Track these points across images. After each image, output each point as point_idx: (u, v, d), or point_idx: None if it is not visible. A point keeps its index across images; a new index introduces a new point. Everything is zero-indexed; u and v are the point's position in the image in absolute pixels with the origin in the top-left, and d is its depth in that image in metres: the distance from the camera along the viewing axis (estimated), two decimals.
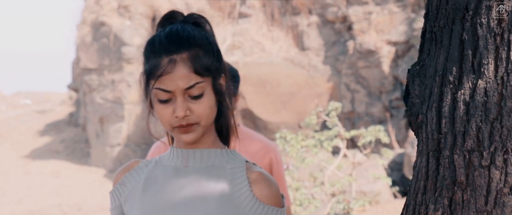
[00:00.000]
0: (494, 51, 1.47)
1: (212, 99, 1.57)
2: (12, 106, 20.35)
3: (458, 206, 1.49)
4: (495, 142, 1.46)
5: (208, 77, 1.56)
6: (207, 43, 1.58)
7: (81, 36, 13.53)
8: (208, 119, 1.58)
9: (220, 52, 1.62)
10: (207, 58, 1.56)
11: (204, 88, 1.55)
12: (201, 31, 1.60)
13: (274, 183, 1.59)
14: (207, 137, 1.63)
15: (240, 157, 1.64)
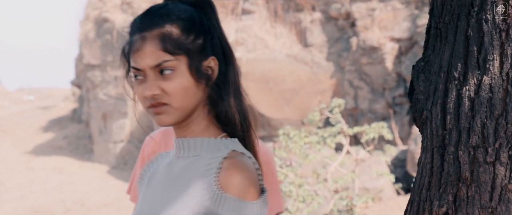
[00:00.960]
0: (499, 47, 1.47)
1: (187, 80, 1.49)
2: (15, 103, 20.38)
3: (462, 202, 1.48)
4: (500, 138, 1.45)
5: (182, 56, 1.50)
6: (188, 21, 1.52)
7: (84, 32, 13.53)
8: (181, 100, 1.50)
9: (210, 32, 1.54)
10: (184, 36, 1.50)
11: (174, 67, 1.49)
12: (189, 9, 1.54)
13: (244, 173, 1.45)
14: (196, 124, 1.55)
15: (235, 146, 1.52)
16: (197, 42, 1.52)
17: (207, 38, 1.53)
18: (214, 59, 1.53)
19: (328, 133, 7.21)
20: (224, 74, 1.55)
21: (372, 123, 7.35)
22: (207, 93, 1.54)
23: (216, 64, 1.53)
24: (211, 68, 1.53)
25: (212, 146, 1.52)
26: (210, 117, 1.55)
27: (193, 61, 1.50)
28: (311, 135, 7.16)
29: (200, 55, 1.51)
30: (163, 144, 2.59)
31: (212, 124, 1.55)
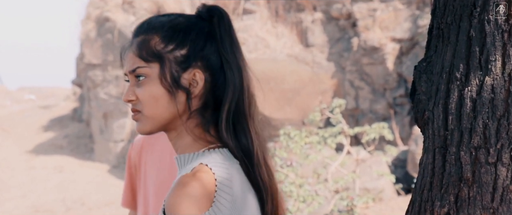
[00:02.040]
0: (502, 48, 1.47)
1: (157, 89, 1.48)
2: (16, 102, 20.39)
3: (464, 202, 1.49)
4: (501, 139, 1.46)
5: (155, 63, 1.48)
6: (172, 31, 1.51)
7: (85, 31, 13.54)
8: (150, 109, 1.49)
9: (202, 45, 1.51)
10: (162, 45, 1.49)
11: (147, 74, 1.48)
12: (183, 21, 1.53)
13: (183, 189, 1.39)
14: (180, 139, 1.52)
15: (207, 159, 1.47)
16: (177, 53, 1.49)
17: (194, 50, 1.50)
18: (199, 72, 1.50)
19: (328, 133, 7.21)
20: (219, 88, 1.51)
21: (373, 123, 7.35)
22: (195, 106, 1.50)
23: (202, 78, 1.50)
24: (194, 81, 1.49)
25: (190, 161, 1.49)
26: (198, 130, 1.51)
27: (165, 70, 1.48)
28: (312, 135, 7.17)
29: (179, 66, 1.49)
30: (148, 148, 2.57)
31: (200, 138, 1.51)
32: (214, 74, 1.51)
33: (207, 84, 1.50)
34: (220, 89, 1.52)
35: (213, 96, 1.51)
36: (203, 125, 1.51)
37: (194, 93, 1.49)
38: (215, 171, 1.43)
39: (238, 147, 1.51)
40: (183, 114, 1.50)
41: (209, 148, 1.50)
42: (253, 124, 1.54)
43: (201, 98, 1.50)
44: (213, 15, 1.55)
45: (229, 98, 1.50)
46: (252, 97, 1.55)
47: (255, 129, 1.54)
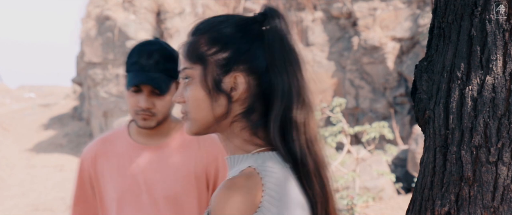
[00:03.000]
0: (503, 47, 1.47)
1: (198, 91, 1.47)
2: (16, 100, 20.39)
3: (465, 201, 1.49)
4: (502, 138, 1.46)
5: (198, 65, 1.48)
6: (217, 33, 1.49)
7: (85, 30, 13.54)
8: (194, 111, 1.48)
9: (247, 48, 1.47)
10: (206, 47, 1.48)
11: (191, 75, 1.48)
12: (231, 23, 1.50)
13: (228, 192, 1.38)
14: (229, 142, 1.50)
15: (257, 161, 1.44)
16: (220, 56, 1.47)
17: (236, 53, 1.47)
18: (240, 76, 1.47)
19: (329, 132, 7.21)
20: (266, 92, 1.47)
21: (373, 122, 7.35)
22: (238, 111, 1.47)
23: (243, 82, 1.47)
24: (235, 84, 1.47)
25: (239, 163, 1.47)
26: (246, 133, 1.48)
27: (207, 73, 1.47)
28: None
29: (220, 69, 1.47)
30: (103, 156, 2.50)
31: (248, 141, 1.48)
32: (259, 78, 1.47)
33: (251, 88, 1.47)
34: (267, 94, 1.48)
35: (260, 100, 1.48)
36: (251, 128, 1.48)
37: (234, 97, 1.46)
38: (263, 175, 1.41)
39: (288, 152, 1.47)
40: (226, 118, 1.48)
41: (259, 150, 1.47)
42: (306, 132, 1.49)
43: (245, 102, 1.47)
44: (266, 17, 1.51)
45: (277, 104, 1.46)
46: (305, 104, 1.50)
47: (308, 136, 1.49)
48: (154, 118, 2.43)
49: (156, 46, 2.46)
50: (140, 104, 2.41)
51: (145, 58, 2.43)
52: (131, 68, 2.45)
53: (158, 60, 2.43)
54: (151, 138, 2.50)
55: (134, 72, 2.43)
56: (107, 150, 2.54)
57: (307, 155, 1.48)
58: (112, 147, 2.54)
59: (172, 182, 2.45)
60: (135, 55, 2.46)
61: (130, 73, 2.44)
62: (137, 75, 2.42)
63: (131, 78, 2.43)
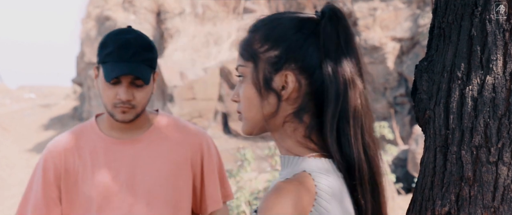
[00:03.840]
0: (503, 47, 1.47)
1: (249, 89, 1.44)
2: (16, 100, 20.39)
3: (465, 201, 1.49)
4: (503, 138, 1.46)
5: (250, 62, 1.45)
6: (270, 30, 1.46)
7: (85, 30, 13.54)
8: (245, 110, 1.45)
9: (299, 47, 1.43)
10: (259, 44, 1.44)
11: (244, 73, 1.45)
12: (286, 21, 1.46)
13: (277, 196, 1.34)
14: (282, 141, 1.45)
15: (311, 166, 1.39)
16: (271, 53, 1.43)
17: (288, 51, 1.43)
18: (291, 74, 1.42)
19: None
20: (318, 93, 1.42)
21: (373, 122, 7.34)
22: (289, 110, 1.43)
23: (293, 81, 1.42)
24: (285, 83, 1.43)
25: (293, 164, 1.43)
26: (299, 135, 1.44)
27: (258, 70, 1.43)
28: None
29: (271, 67, 1.43)
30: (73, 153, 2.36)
31: (302, 143, 1.44)
32: (311, 78, 1.43)
33: (302, 88, 1.42)
34: (320, 94, 1.43)
35: (312, 100, 1.43)
36: (304, 130, 1.44)
37: (284, 96, 1.42)
38: (317, 183, 1.37)
39: (343, 159, 1.42)
40: (275, 117, 1.44)
41: (315, 155, 1.43)
42: (363, 136, 1.44)
43: (295, 102, 1.43)
44: (324, 16, 1.46)
45: (331, 107, 1.41)
46: (363, 108, 1.45)
47: (366, 141, 1.45)
48: (133, 111, 2.31)
49: (132, 35, 2.33)
50: (119, 96, 2.29)
51: (123, 48, 2.30)
52: (107, 59, 2.31)
53: (136, 50, 2.30)
54: (125, 132, 2.38)
55: (112, 63, 2.29)
56: (77, 146, 2.38)
57: (363, 161, 1.43)
58: (82, 142, 2.38)
59: (154, 176, 2.35)
60: (111, 45, 2.31)
61: (107, 64, 2.30)
62: (117, 66, 2.28)
63: (110, 69, 2.29)
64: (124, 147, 2.37)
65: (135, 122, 2.37)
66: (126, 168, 2.35)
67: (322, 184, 1.37)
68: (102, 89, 2.32)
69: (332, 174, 1.41)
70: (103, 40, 2.37)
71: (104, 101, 2.33)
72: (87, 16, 13.83)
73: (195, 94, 12.39)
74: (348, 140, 1.41)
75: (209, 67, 12.34)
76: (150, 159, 2.37)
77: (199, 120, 12.47)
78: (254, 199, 7.47)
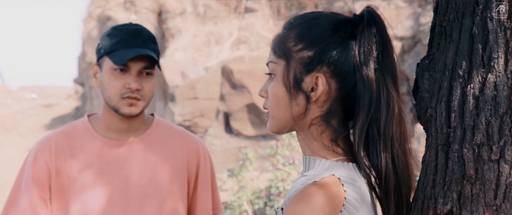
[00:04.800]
0: (504, 45, 1.47)
1: (279, 87, 1.41)
2: (18, 100, 20.40)
3: (467, 200, 1.49)
4: (504, 136, 1.46)
5: (282, 60, 1.43)
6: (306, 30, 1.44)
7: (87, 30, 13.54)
8: (273, 108, 1.43)
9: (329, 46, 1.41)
10: (293, 43, 1.42)
11: (275, 70, 1.44)
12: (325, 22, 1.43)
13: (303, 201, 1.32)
14: (308, 143, 1.43)
15: (339, 171, 1.38)
16: (305, 53, 1.41)
17: (321, 53, 1.41)
18: (322, 77, 1.40)
19: None
20: (349, 98, 1.41)
21: None
22: (317, 113, 1.42)
23: (324, 84, 1.40)
24: (315, 85, 1.41)
25: (319, 167, 1.41)
26: (325, 138, 1.42)
27: (289, 69, 1.41)
28: None
29: (303, 67, 1.41)
30: (66, 152, 2.26)
31: (328, 147, 1.42)
32: (342, 82, 1.41)
33: (332, 92, 1.41)
34: (350, 100, 1.42)
35: (342, 105, 1.42)
36: (331, 134, 1.42)
37: (313, 98, 1.40)
38: (346, 188, 1.36)
39: (370, 166, 1.40)
40: (304, 118, 1.42)
41: (342, 159, 1.41)
42: (393, 146, 1.42)
43: (324, 105, 1.42)
44: (363, 19, 1.44)
45: (363, 114, 1.39)
46: (395, 117, 1.43)
47: (396, 151, 1.43)
48: (140, 103, 2.23)
49: (139, 26, 2.29)
50: (129, 85, 2.20)
51: (133, 36, 2.23)
52: (116, 47, 2.22)
53: (146, 38, 2.26)
54: (121, 133, 2.30)
55: (122, 50, 2.20)
56: (69, 146, 2.28)
57: (391, 171, 1.41)
58: (75, 142, 2.29)
59: (148, 180, 2.27)
60: (119, 35, 2.24)
61: (117, 51, 2.21)
62: (129, 51, 2.19)
63: (121, 53, 2.20)
64: (119, 149, 2.29)
65: (132, 123, 2.29)
66: (120, 170, 2.26)
67: (351, 192, 1.36)
68: (108, 80, 2.23)
69: (361, 182, 1.39)
70: (107, 32, 2.28)
71: (109, 94, 2.23)
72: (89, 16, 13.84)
73: (196, 94, 12.39)
74: (376, 149, 1.40)
75: (210, 67, 12.35)
76: (146, 162, 2.29)
77: (201, 120, 12.47)
78: (256, 198, 7.47)
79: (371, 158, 1.41)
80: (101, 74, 2.27)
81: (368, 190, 1.42)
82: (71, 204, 2.25)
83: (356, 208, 1.36)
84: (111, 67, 2.23)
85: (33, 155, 2.29)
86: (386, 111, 1.42)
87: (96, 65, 2.31)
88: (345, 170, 1.40)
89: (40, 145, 2.31)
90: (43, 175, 2.26)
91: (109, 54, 2.23)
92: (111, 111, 2.28)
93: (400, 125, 1.46)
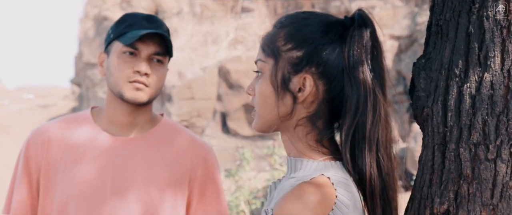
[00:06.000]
0: (501, 44, 1.46)
1: (266, 87, 1.41)
2: (14, 101, 20.37)
3: (463, 199, 1.48)
4: (501, 135, 1.45)
5: (270, 59, 1.42)
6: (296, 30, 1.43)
7: (83, 30, 13.53)
8: (260, 107, 1.42)
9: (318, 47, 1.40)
10: (282, 42, 1.42)
11: (263, 69, 1.43)
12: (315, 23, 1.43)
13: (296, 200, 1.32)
14: (292, 144, 1.43)
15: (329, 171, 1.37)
16: (294, 53, 1.41)
17: (310, 54, 1.40)
18: (309, 77, 1.40)
19: None
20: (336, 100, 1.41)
21: None
22: (304, 113, 1.41)
23: (311, 85, 1.40)
24: (303, 85, 1.40)
25: (307, 168, 1.40)
26: (311, 139, 1.42)
27: (277, 69, 1.41)
28: None
29: (292, 67, 1.40)
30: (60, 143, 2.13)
31: (313, 147, 1.41)
32: (330, 84, 1.41)
33: (319, 93, 1.41)
34: (337, 102, 1.41)
35: (328, 107, 1.41)
36: (316, 135, 1.42)
37: (300, 99, 1.40)
38: (337, 187, 1.35)
39: (355, 172, 1.40)
40: (290, 118, 1.42)
41: (329, 159, 1.41)
42: (378, 150, 1.41)
43: (311, 106, 1.41)
44: (354, 22, 1.43)
45: (349, 117, 1.39)
46: (381, 121, 1.43)
47: (381, 155, 1.42)
48: (148, 91, 2.08)
49: (152, 15, 2.17)
50: (138, 68, 2.06)
51: (148, 19, 2.12)
52: (128, 29, 2.09)
53: (160, 24, 2.13)
54: (124, 128, 2.14)
55: (133, 31, 2.07)
56: (65, 136, 2.14)
57: (376, 175, 1.40)
58: (72, 134, 2.14)
59: (145, 183, 2.11)
60: (132, 18, 2.12)
61: (129, 32, 2.08)
62: (141, 32, 2.06)
63: (135, 33, 2.07)
64: (119, 145, 2.13)
65: (136, 118, 2.13)
66: (116, 169, 2.11)
67: (343, 192, 1.35)
68: (116, 64, 2.08)
69: (350, 183, 1.39)
70: (120, 19, 2.15)
71: (115, 78, 2.09)
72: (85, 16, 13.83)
73: (193, 93, 12.39)
74: (361, 153, 1.39)
75: (207, 67, 12.34)
76: (143, 163, 2.13)
77: (198, 120, 12.46)
78: (253, 198, 7.47)
79: (356, 161, 1.40)
80: (108, 60, 2.12)
81: (355, 188, 1.42)
82: (53, 199, 2.11)
83: (347, 206, 1.35)
84: (120, 50, 2.09)
85: (26, 144, 2.17)
86: (372, 115, 1.41)
87: (103, 53, 2.17)
88: (334, 169, 1.40)
89: (34, 133, 2.18)
90: (33, 166, 2.14)
91: (119, 37, 2.10)
92: (115, 101, 2.13)
93: (385, 129, 1.46)
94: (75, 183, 2.09)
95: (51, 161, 2.12)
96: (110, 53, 2.12)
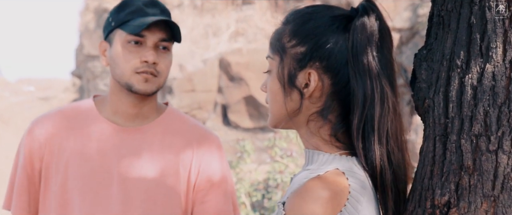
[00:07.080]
0: (503, 35, 1.46)
1: (274, 83, 1.43)
2: (15, 93, 20.39)
3: (465, 190, 1.48)
4: (502, 127, 1.45)
5: (276, 55, 1.43)
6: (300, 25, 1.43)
7: (84, 23, 13.52)
8: (271, 103, 1.44)
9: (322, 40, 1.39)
10: (288, 38, 1.42)
11: (271, 66, 1.45)
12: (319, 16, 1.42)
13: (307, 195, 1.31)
14: (309, 138, 1.43)
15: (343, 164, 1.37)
16: (298, 49, 1.40)
17: (313, 49, 1.40)
18: (313, 72, 1.39)
19: None
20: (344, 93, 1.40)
21: None
22: (314, 108, 1.41)
23: (315, 80, 1.39)
24: (308, 81, 1.40)
25: (322, 161, 1.40)
26: (325, 133, 1.41)
27: (283, 65, 1.41)
28: None
29: (296, 63, 1.40)
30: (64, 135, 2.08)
31: (328, 141, 1.41)
32: (335, 78, 1.40)
33: (325, 87, 1.40)
34: (345, 94, 1.40)
35: (337, 100, 1.41)
36: (330, 129, 1.41)
37: (306, 94, 1.40)
38: (351, 182, 1.35)
39: (367, 165, 1.40)
40: (299, 114, 1.42)
41: (344, 153, 1.40)
42: (388, 142, 1.41)
43: (319, 100, 1.41)
44: (358, 12, 1.42)
45: (358, 110, 1.38)
46: (390, 112, 1.41)
47: (391, 147, 1.41)
48: (156, 80, 2.04)
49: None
50: (145, 58, 2.00)
51: (150, 5, 2.06)
52: (131, 16, 2.03)
53: (163, 9, 2.09)
54: (130, 119, 2.10)
55: (139, 18, 2.02)
56: (68, 127, 2.09)
57: (387, 168, 1.40)
58: (75, 124, 2.09)
59: (152, 173, 2.08)
60: (132, 6, 2.06)
61: (132, 20, 2.02)
62: (146, 20, 2.00)
63: (139, 22, 2.01)
64: (125, 135, 2.08)
65: (142, 108, 2.09)
66: (122, 159, 2.07)
67: (355, 184, 1.35)
68: (121, 55, 2.02)
69: (360, 174, 1.39)
70: (117, 6, 2.09)
71: (122, 70, 2.03)
72: (86, 9, 13.82)
73: (194, 86, 12.38)
74: (371, 146, 1.39)
75: (208, 59, 12.33)
76: (146, 153, 2.09)
77: (199, 112, 12.46)
78: (253, 191, 7.48)
79: (367, 154, 1.40)
80: (112, 50, 2.06)
81: (369, 182, 1.41)
82: (54, 192, 2.08)
83: (360, 202, 1.35)
84: (124, 39, 2.02)
85: (27, 135, 2.13)
86: (380, 107, 1.40)
87: (104, 42, 2.10)
88: (349, 163, 1.40)
89: (36, 123, 2.14)
90: (36, 158, 2.09)
91: (122, 26, 2.03)
92: (121, 92, 2.08)
93: (395, 120, 1.45)
94: (80, 175, 2.05)
95: (54, 151, 2.08)
96: (112, 42, 2.06)
